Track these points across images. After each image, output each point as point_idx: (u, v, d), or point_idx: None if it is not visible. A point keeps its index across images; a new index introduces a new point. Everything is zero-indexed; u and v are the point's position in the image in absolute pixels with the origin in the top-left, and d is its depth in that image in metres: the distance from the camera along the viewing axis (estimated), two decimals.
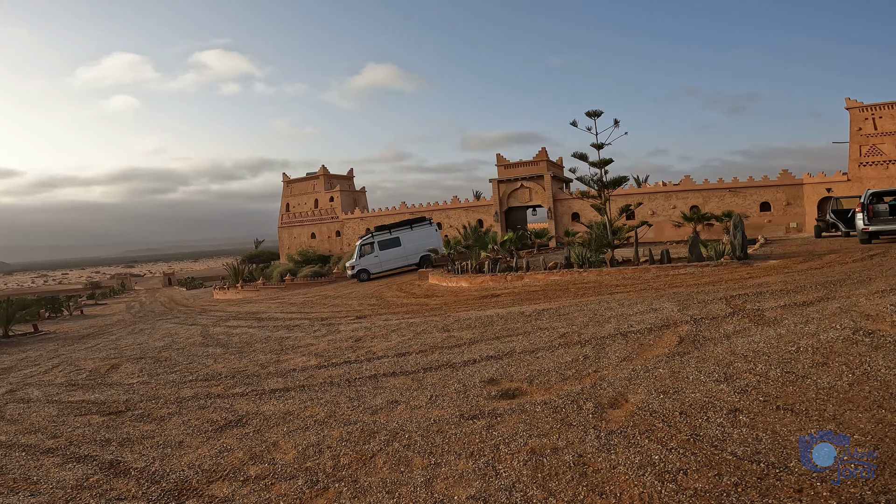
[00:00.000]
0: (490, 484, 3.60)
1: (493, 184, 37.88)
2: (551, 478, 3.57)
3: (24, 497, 4.15)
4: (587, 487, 3.40)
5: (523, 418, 4.63)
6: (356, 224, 45.98)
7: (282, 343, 9.86)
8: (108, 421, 6.00)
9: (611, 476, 3.49)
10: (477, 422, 4.69)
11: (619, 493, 3.28)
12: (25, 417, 6.67)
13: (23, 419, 6.57)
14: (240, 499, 3.80)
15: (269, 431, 5.09)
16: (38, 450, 5.31)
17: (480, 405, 5.10)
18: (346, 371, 7.07)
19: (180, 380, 7.77)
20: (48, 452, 5.19)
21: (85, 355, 11.51)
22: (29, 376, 9.62)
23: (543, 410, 4.75)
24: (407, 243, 25.01)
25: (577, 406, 4.74)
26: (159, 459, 4.64)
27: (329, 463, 4.24)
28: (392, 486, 3.76)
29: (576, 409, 4.67)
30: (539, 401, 4.99)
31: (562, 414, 4.61)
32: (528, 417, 4.63)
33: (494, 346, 7.28)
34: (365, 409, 5.45)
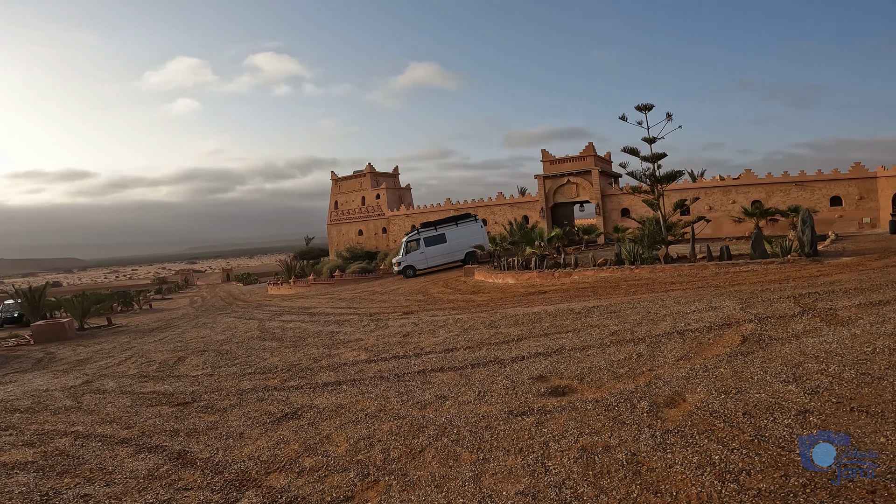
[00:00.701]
0: (539, 480, 3.57)
1: (539, 180, 37.27)
2: (603, 475, 3.51)
3: (100, 487, 4.29)
4: (641, 486, 3.32)
5: (574, 416, 4.56)
6: (402, 221, 46.53)
7: (333, 338, 10.15)
8: (176, 412, 6.32)
9: (666, 475, 3.40)
10: (526, 418, 4.66)
11: (675, 492, 3.19)
12: (101, 408, 6.99)
13: (99, 409, 6.91)
14: (295, 490, 3.92)
15: (323, 424, 5.25)
16: (113, 440, 5.53)
17: (529, 402, 5.06)
18: (395, 366, 7.18)
19: (240, 372, 8.14)
20: (122, 443, 5.41)
21: (154, 347, 12.24)
22: (104, 367, 10.29)
23: (595, 408, 4.66)
24: (452, 240, 25.05)
25: (631, 405, 4.62)
26: (222, 450, 4.84)
27: (379, 456, 4.32)
28: (441, 480, 3.79)
29: (629, 408, 4.56)
30: (590, 399, 4.90)
31: (614, 412, 4.51)
32: (578, 415, 4.56)
33: (543, 343, 7.18)
34: (414, 403, 5.51)
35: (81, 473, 4.63)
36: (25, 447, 5.46)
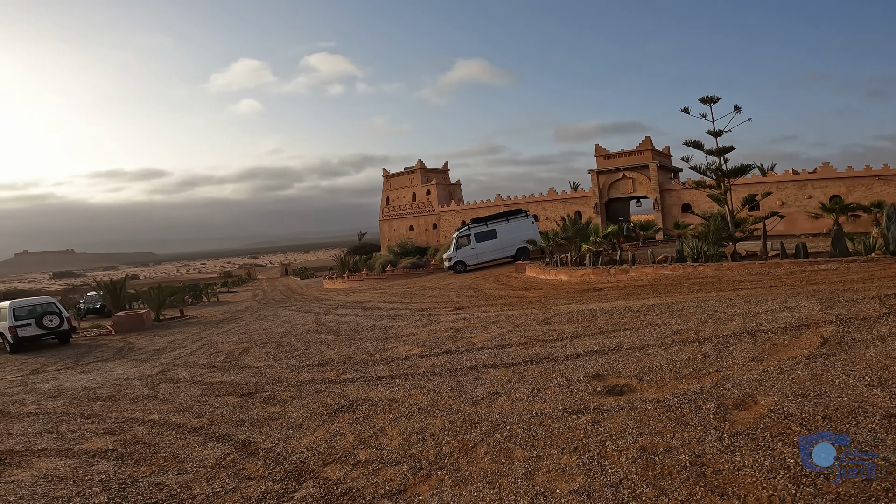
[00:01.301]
0: (595, 479, 3.49)
1: (592, 175, 36.23)
2: (663, 476, 3.38)
3: (173, 475, 4.45)
4: (705, 487, 3.17)
5: (632, 415, 4.41)
6: (452, 216, 46.69)
7: (386, 332, 10.32)
8: (241, 402, 6.59)
9: (734, 477, 3.24)
10: (581, 417, 4.56)
11: (744, 495, 3.03)
12: (175, 397, 7.29)
13: (173, 398, 7.21)
14: (350, 482, 4.00)
15: (377, 417, 5.33)
16: (185, 429, 5.73)
17: (585, 400, 4.94)
18: (447, 361, 7.20)
19: (299, 364, 8.43)
20: (193, 431, 5.61)
21: (222, 339, 12.90)
22: (177, 357, 10.91)
23: (656, 409, 4.48)
24: (503, 235, 24.83)
25: (696, 406, 4.41)
26: (283, 441, 5.00)
27: (432, 451, 4.34)
28: (493, 476, 3.76)
29: (693, 409, 4.35)
30: (650, 398, 4.72)
31: (677, 413, 4.33)
32: (637, 415, 4.41)
33: (599, 342, 6.96)
34: (466, 399, 5.50)
35: (156, 462, 4.83)
36: (106, 435, 5.78)
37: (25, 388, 9.05)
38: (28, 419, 6.76)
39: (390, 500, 3.64)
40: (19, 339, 14.41)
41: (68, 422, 6.47)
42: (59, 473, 4.70)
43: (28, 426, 6.42)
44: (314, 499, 3.78)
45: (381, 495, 3.72)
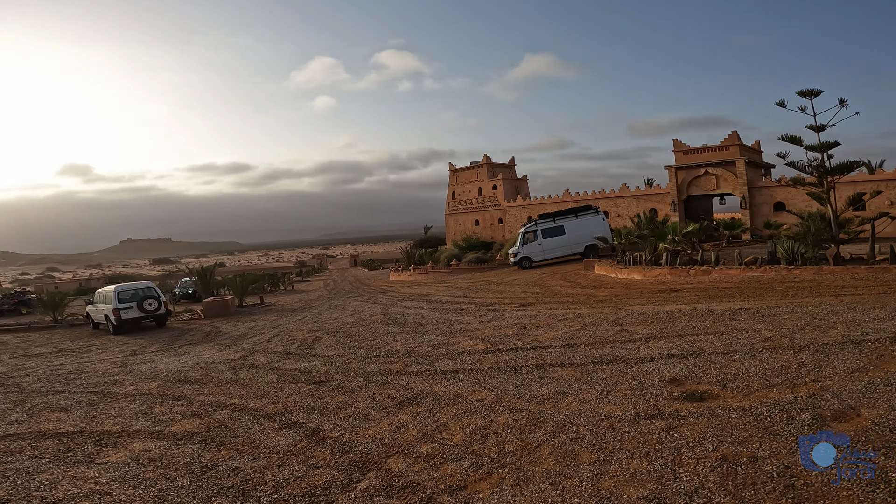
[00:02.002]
0: (666, 486, 3.32)
1: (670, 171, 34.20)
2: (745, 487, 3.18)
3: (248, 461, 4.57)
4: (793, 499, 2.96)
5: (713, 423, 4.13)
6: (518, 212, 46.04)
7: (451, 326, 10.34)
8: (312, 390, 6.82)
9: (826, 490, 3.01)
10: (655, 422, 4.33)
11: None
12: (253, 382, 7.54)
13: (251, 384, 7.46)
14: (412, 475, 4.02)
15: (440, 412, 5.33)
16: (261, 414, 5.91)
17: (660, 405, 4.68)
18: (513, 358, 7.08)
19: (366, 355, 8.64)
20: (268, 417, 5.76)
21: (296, 326, 13.49)
22: (257, 344, 11.47)
23: (741, 417, 4.17)
24: (571, 232, 24.10)
25: (788, 416, 4.06)
26: (349, 431, 5.12)
27: (494, 448, 4.28)
28: (556, 477, 3.66)
29: (785, 419, 4.01)
30: (735, 406, 4.39)
31: (765, 422, 4.01)
32: (719, 423, 4.13)
33: (677, 345, 6.54)
34: (531, 397, 5.38)
35: (235, 446, 4.99)
36: (193, 417, 6.05)
37: (125, 369, 9.71)
38: (126, 400, 7.18)
39: (450, 496, 3.62)
40: (122, 321, 15.66)
41: (161, 403, 6.83)
42: (149, 455, 4.92)
43: (125, 407, 6.80)
44: (376, 490, 3.82)
45: (441, 490, 3.71)
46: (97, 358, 11.30)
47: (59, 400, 7.41)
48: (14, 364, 11.30)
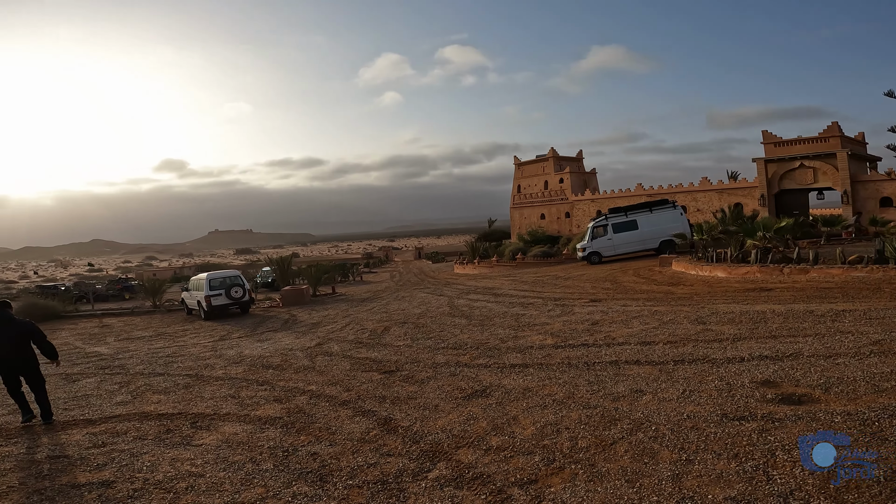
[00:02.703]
0: (757, 488, 3.15)
1: (759, 164, 31.66)
2: (849, 490, 2.99)
3: (325, 446, 4.69)
4: None
5: (813, 427, 3.84)
6: (586, 206, 44.63)
7: (518, 319, 10.22)
8: (383, 379, 6.95)
9: None
10: (745, 424, 4.08)
11: None
12: (329, 369, 7.72)
13: (327, 371, 7.64)
14: (481, 466, 4.00)
15: (510, 405, 5.27)
16: (336, 401, 6.05)
17: (751, 407, 4.40)
18: (584, 353, 6.88)
19: (434, 346, 8.72)
20: (343, 405, 5.90)
21: (366, 316, 13.86)
22: (330, 332, 11.82)
23: (845, 421, 3.86)
24: (645, 227, 22.97)
25: None
26: (420, 421, 5.17)
27: (566, 444, 4.19)
28: (633, 475, 3.54)
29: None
30: (838, 411, 4.06)
31: (873, 427, 3.70)
32: (819, 426, 3.84)
33: (770, 346, 6.05)
34: (605, 394, 5.20)
35: (312, 432, 5.11)
36: (275, 402, 6.25)
37: (215, 353, 10.20)
38: (216, 383, 7.50)
39: (520, 489, 3.58)
40: (212, 307, 16.72)
41: (247, 388, 7.09)
42: (237, 438, 5.11)
43: (216, 390, 7.09)
44: (446, 480, 3.84)
45: (512, 483, 3.67)
46: (191, 342, 12.14)
47: (159, 382, 7.87)
48: (119, 346, 12.31)
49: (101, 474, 4.41)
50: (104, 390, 7.54)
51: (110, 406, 6.70)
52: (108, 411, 6.44)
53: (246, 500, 3.77)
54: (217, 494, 3.88)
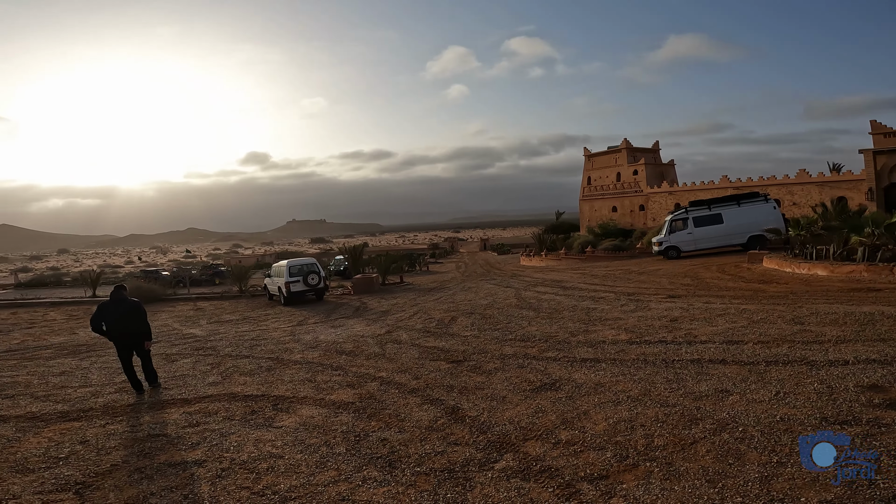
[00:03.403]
0: (857, 492, 2.95)
1: (866, 155, 28.34)
2: None
3: (395, 433, 4.75)
4: None
5: None
6: (663, 198, 42.27)
7: (588, 313, 9.90)
8: (451, 368, 6.98)
9: None
10: (847, 428, 3.78)
11: None
12: (398, 357, 7.81)
13: (396, 358, 7.72)
14: (550, 460, 3.92)
15: (581, 399, 5.13)
16: (406, 389, 6.09)
17: (855, 411, 4.05)
18: (662, 351, 6.54)
19: (502, 337, 8.65)
20: (412, 392, 5.94)
21: (433, 306, 14.01)
22: (399, 320, 11.74)
23: None
24: (731, 221, 21.33)
25: None
26: (487, 411, 5.14)
27: (641, 441, 4.03)
28: (715, 475, 3.38)
29: None
30: None
31: None
32: None
33: (878, 350, 5.45)
34: (686, 393, 4.92)
35: (383, 418, 5.18)
36: (348, 388, 6.38)
37: (293, 337, 10.47)
38: (295, 367, 7.71)
39: (590, 484, 3.49)
40: (291, 293, 17.46)
41: (322, 372, 7.27)
42: (313, 421, 5.24)
43: (295, 374, 7.29)
44: (513, 471, 3.80)
45: (581, 478, 3.59)
46: (272, 326, 12.78)
47: (245, 364, 8.19)
48: (210, 329, 13.13)
49: (194, 453, 4.62)
50: (198, 371, 8.03)
51: (203, 386, 7.03)
52: (201, 391, 6.78)
53: (319, 481, 3.90)
54: (294, 476, 4.02)
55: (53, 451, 4.89)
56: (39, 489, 4.07)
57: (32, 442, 5.16)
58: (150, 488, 3.95)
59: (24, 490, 4.05)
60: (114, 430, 5.45)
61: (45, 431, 5.46)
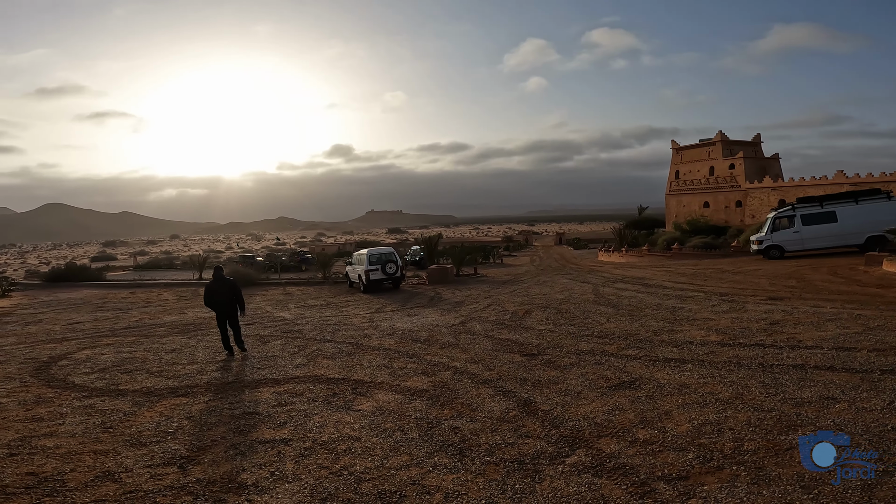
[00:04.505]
0: None
1: None
2: None
3: (466, 422, 4.79)
4: None
5: None
6: (764, 194, 38.68)
7: (674, 313, 9.35)
8: (525, 361, 6.90)
9: None
10: None
11: None
12: (471, 347, 7.84)
13: (470, 349, 7.78)
14: (625, 458, 3.79)
15: (662, 399, 4.90)
16: (478, 379, 6.11)
17: None
18: (759, 354, 6.07)
19: (578, 333, 8.42)
20: (484, 383, 5.94)
21: (507, 299, 13.89)
22: (473, 311, 11.78)
23: None
24: (846, 219, 19.02)
25: None
26: (560, 406, 5.05)
27: (729, 444, 3.82)
28: (811, 482, 3.18)
29: None
30: None
31: None
32: None
33: None
34: (785, 398, 4.58)
35: (455, 407, 5.21)
36: (422, 375, 6.47)
37: (372, 324, 10.77)
38: (373, 353, 7.94)
39: (667, 484, 3.35)
40: (370, 281, 17.71)
41: (398, 359, 7.42)
42: (389, 407, 5.35)
43: (373, 359, 7.50)
44: (585, 467, 3.72)
45: (658, 477, 3.46)
46: (352, 312, 13.30)
47: (328, 348, 8.47)
48: (298, 313, 13.48)
49: (282, 432, 4.82)
50: (287, 353, 8.50)
51: (291, 368, 7.32)
52: (289, 372, 7.05)
53: (392, 465, 4.01)
54: (369, 458, 4.17)
55: (164, 425, 5.19)
56: (149, 462, 4.30)
57: (146, 416, 5.50)
58: (243, 464, 4.16)
59: (136, 463, 4.29)
60: (215, 406, 5.78)
61: (157, 406, 5.84)
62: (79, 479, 4.01)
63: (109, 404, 5.95)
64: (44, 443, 4.80)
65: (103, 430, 5.09)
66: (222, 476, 3.97)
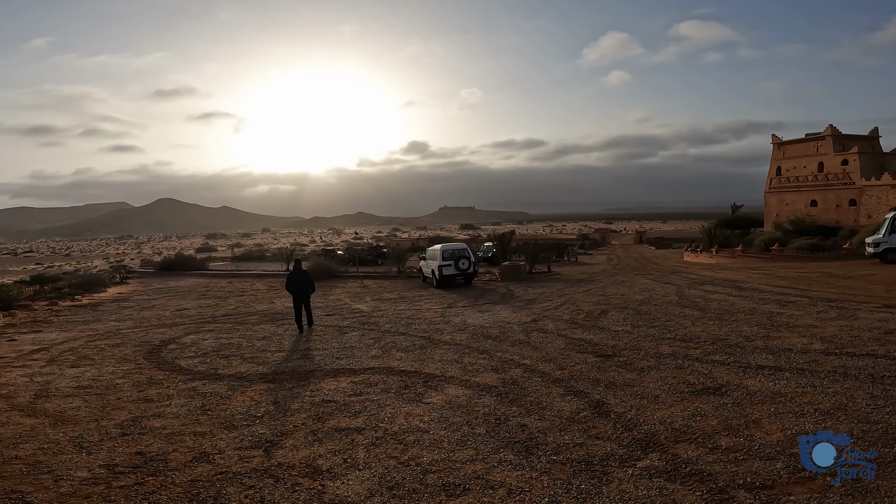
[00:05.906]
0: None
1: None
2: None
3: (534, 420, 4.73)
4: None
5: None
6: (883, 192, 34.25)
7: (771, 318, 8.59)
8: (598, 362, 6.69)
9: None
10: None
11: None
12: (543, 346, 7.77)
13: (541, 347, 7.69)
14: (703, 464, 3.57)
15: (752, 408, 4.55)
16: (549, 378, 6.04)
17: None
18: (870, 364, 5.47)
19: (659, 335, 8.00)
20: (555, 382, 5.85)
21: (582, 298, 13.48)
22: (545, 309, 11.49)
23: None
24: None
25: None
26: (635, 409, 4.85)
27: None
28: None
29: None
30: None
31: None
32: None
33: None
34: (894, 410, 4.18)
35: (524, 404, 5.17)
36: (492, 371, 6.47)
37: (444, 319, 10.85)
38: (444, 347, 8.02)
39: (748, 492, 3.15)
40: (443, 276, 17.40)
41: (468, 354, 7.45)
42: (458, 401, 5.38)
43: (444, 354, 7.56)
44: (657, 471, 3.55)
45: (739, 486, 3.25)
46: (425, 307, 13.45)
47: (402, 341, 8.62)
48: (374, 305, 13.74)
49: (356, 421, 4.97)
50: (363, 344, 8.64)
51: (367, 359, 7.53)
52: (365, 363, 7.23)
53: (458, 459, 4.04)
54: (436, 450, 4.23)
55: (253, 409, 5.41)
56: (239, 445, 4.47)
57: (239, 400, 5.75)
58: (319, 450, 4.30)
59: (228, 445, 4.49)
60: (298, 392, 6.01)
61: (248, 391, 6.10)
62: (179, 460, 4.24)
63: (209, 388, 6.31)
64: (152, 423, 5.11)
65: (203, 412, 5.40)
66: (300, 461, 4.14)
